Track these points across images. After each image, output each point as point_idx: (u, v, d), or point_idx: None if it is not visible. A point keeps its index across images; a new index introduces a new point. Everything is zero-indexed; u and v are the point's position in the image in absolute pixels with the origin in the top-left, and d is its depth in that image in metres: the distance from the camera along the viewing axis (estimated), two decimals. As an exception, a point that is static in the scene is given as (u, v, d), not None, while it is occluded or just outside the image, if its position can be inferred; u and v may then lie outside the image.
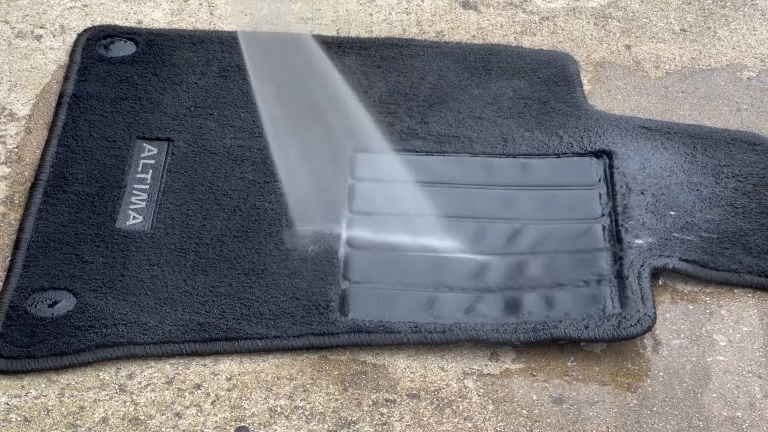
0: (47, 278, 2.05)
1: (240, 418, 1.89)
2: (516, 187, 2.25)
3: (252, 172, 2.24)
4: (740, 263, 2.11)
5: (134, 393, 1.92)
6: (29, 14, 2.59)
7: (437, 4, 2.66)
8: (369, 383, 1.95)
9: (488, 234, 2.16)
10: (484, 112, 2.39)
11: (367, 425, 1.89)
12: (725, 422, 1.91)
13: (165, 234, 2.13)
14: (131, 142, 2.29)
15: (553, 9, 2.66)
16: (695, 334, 2.04)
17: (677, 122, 2.39)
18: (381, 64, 2.48)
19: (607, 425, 1.90)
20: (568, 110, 2.39)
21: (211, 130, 2.32)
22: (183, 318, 2.00)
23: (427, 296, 2.05)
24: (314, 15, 2.63)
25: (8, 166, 2.26)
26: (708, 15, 2.66)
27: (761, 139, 2.35)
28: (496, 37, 2.58)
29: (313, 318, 2.00)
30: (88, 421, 1.88)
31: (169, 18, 2.59)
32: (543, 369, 1.98)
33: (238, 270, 2.07)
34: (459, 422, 1.90)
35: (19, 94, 2.41)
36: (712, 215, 2.19)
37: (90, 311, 2.00)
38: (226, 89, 2.41)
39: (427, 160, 2.29)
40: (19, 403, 1.90)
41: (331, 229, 2.13)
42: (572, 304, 2.04)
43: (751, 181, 2.26)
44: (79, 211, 2.16)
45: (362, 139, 2.28)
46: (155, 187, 2.21)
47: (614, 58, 2.54)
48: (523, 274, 2.09)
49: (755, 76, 2.51)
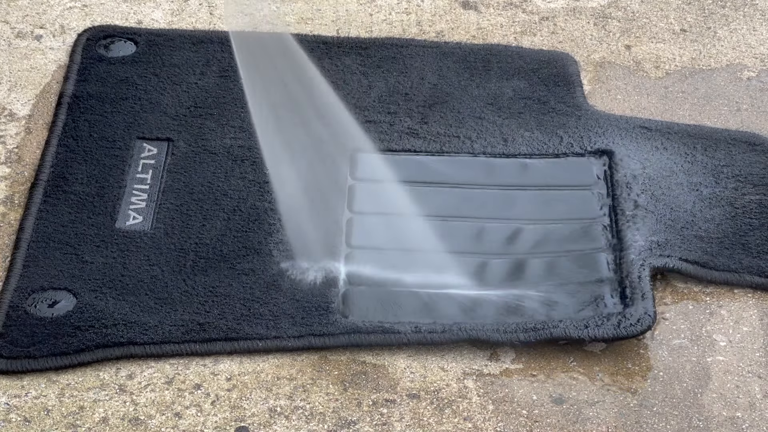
0: (47, 278, 2.05)
1: (240, 418, 1.89)
2: (516, 187, 2.25)
3: (252, 172, 2.24)
4: (740, 263, 2.11)
5: (134, 393, 1.92)
6: (29, 14, 2.59)
7: (437, 4, 2.66)
8: (369, 383, 1.95)
9: (488, 234, 2.16)
10: (484, 112, 2.39)
11: (367, 425, 1.89)
12: (725, 422, 1.91)
13: (165, 234, 2.13)
14: (131, 142, 2.29)
15: (553, 9, 2.66)
16: (695, 334, 2.04)
17: (677, 122, 2.39)
18: (381, 64, 2.48)
19: (607, 425, 1.90)
20: (568, 110, 2.39)
21: (211, 130, 2.32)
22: (183, 318, 2.00)
23: (428, 296, 2.05)
24: (314, 15, 2.63)
25: (8, 166, 2.26)
26: (708, 15, 2.66)
27: (761, 139, 2.35)
28: (496, 37, 2.58)
29: (313, 319, 2.00)
30: (88, 421, 1.88)
31: (169, 18, 2.59)
32: (543, 369, 1.98)
33: (238, 270, 2.07)
34: (459, 422, 1.90)
35: (19, 94, 2.41)
36: (712, 215, 2.19)
37: (90, 311, 2.00)
38: (226, 89, 2.41)
39: (427, 160, 2.29)
40: (19, 403, 1.90)
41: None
42: (572, 303, 2.04)
43: (751, 181, 2.26)
44: (79, 211, 2.16)
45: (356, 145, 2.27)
46: (155, 187, 2.21)
47: (614, 58, 2.54)
48: (523, 274, 2.09)
49: (755, 76, 2.51)
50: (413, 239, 2.14)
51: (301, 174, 2.20)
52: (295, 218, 2.13)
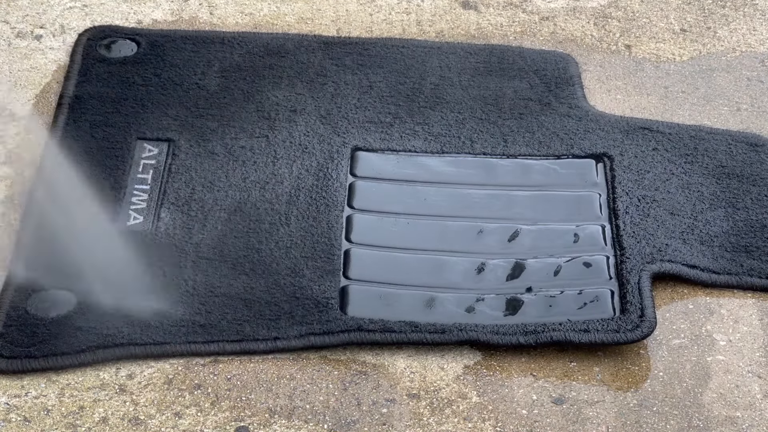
0: (48, 278, 2.05)
1: (240, 418, 1.89)
2: (516, 187, 2.25)
3: (253, 173, 2.24)
4: (741, 266, 2.11)
5: (134, 393, 1.92)
6: (29, 14, 2.59)
7: (437, 4, 2.66)
8: (369, 383, 1.95)
9: (487, 235, 2.16)
10: (484, 112, 2.39)
11: (367, 425, 1.89)
12: (725, 422, 1.91)
13: (165, 234, 2.13)
14: (132, 142, 2.29)
15: (553, 9, 2.66)
16: (695, 334, 2.04)
17: (677, 122, 2.39)
18: (381, 64, 2.48)
19: (607, 425, 1.90)
20: (569, 111, 2.39)
21: (212, 130, 2.32)
22: (184, 318, 2.00)
23: (427, 296, 2.05)
24: (314, 15, 2.63)
25: (8, 166, 2.26)
26: (708, 15, 2.66)
27: (762, 140, 2.35)
28: (496, 37, 2.58)
29: (313, 317, 2.00)
30: (88, 421, 1.88)
31: (169, 18, 2.59)
32: (543, 369, 1.98)
33: (238, 270, 2.07)
34: (459, 422, 1.90)
35: (19, 94, 2.41)
36: (713, 216, 2.19)
37: (90, 311, 2.00)
38: (227, 89, 2.41)
39: (427, 160, 2.29)
40: (19, 403, 1.90)
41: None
42: (572, 306, 2.04)
43: (752, 182, 2.26)
44: (79, 211, 2.16)
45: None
46: (156, 188, 2.21)
47: (614, 58, 2.55)
48: (523, 276, 2.09)
49: (755, 76, 2.51)
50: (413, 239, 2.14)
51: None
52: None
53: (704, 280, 2.09)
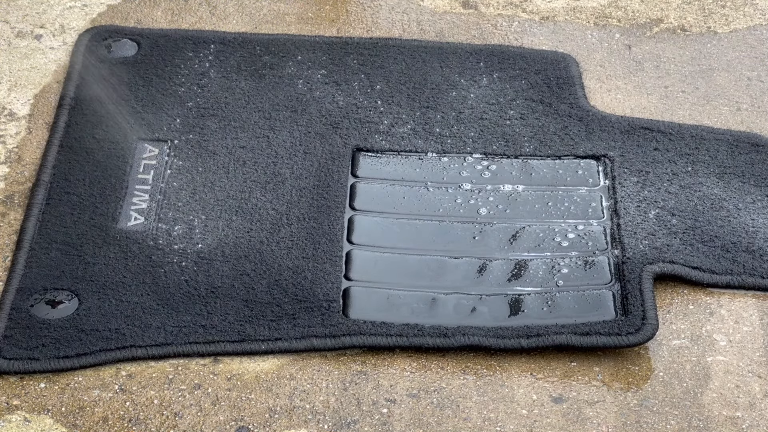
0: (49, 279, 2.05)
1: (240, 418, 1.89)
2: (517, 188, 2.25)
3: (253, 173, 2.24)
4: (742, 266, 2.11)
5: (134, 393, 1.92)
6: (29, 14, 2.59)
7: (437, 4, 2.66)
8: (369, 383, 1.95)
9: (488, 236, 2.16)
10: (484, 112, 2.39)
11: (367, 425, 1.89)
12: (725, 422, 1.91)
13: (166, 235, 2.13)
14: (133, 142, 2.29)
15: (553, 9, 2.66)
16: (695, 334, 2.04)
17: (678, 122, 2.39)
18: (382, 65, 2.48)
19: (607, 425, 1.90)
20: (569, 111, 2.39)
21: (212, 130, 2.32)
22: (185, 319, 2.00)
23: (429, 297, 2.05)
24: (314, 15, 2.63)
25: (8, 166, 2.26)
26: (708, 15, 2.66)
27: (763, 140, 2.35)
28: (496, 37, 2.58)
29: (314, 319, 2.00)
30: (88, 421, 1.88)
31: (169, 18, 2.59)
32: (543, 369, 1.98)
33: (240, 271, 2.07)
34: (459, 422, 1.90)
35: (19, 94, 2.41)
36: (714, 217, 2.19)
37: (92, 313, 2.00)
38: (227, 89, 2.41)
39: (428, 160, 2.29)
40: (19, 403, 1.90)
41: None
42: (574, 307, 2.03)
43: (753, 182, 2.26)
44: (80, 211, 2.16)
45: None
46: (156, 188, 2.21)
47: (614, 58, 2.55)
48: (524, 277, 2.09)
49: (755, 75, 2.51)
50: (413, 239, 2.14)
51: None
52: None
53: (705, 281, 2.09)
